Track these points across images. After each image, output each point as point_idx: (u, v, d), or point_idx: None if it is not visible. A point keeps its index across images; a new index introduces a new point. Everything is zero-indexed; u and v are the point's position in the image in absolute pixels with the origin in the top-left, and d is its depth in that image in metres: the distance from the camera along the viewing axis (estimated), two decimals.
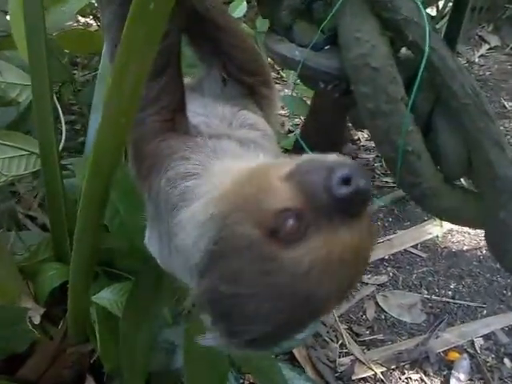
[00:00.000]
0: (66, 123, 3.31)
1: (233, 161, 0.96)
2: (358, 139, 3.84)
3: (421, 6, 0.74)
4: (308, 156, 0.80)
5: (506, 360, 2.50)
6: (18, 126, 1.83)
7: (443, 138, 0.82)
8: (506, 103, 4.35)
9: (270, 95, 1.28)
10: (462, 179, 0.90)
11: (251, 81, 1.22)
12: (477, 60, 5.04)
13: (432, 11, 5.19)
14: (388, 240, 3.15)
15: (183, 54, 0.97)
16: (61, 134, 1.89)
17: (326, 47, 0.84)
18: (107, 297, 1.39)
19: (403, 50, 0.83)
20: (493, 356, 2.52)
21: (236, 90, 1.26)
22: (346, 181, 0.68)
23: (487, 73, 4.82)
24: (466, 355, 2.51)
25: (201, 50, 1.28)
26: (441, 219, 0.92)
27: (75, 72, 3.14)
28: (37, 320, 1.43)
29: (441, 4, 4.97)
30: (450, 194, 0.85)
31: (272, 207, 0.74)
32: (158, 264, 1.07)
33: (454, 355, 2.50)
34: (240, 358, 1.46)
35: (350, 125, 1.08)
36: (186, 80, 1.57)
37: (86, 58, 3.11)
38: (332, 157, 0.75)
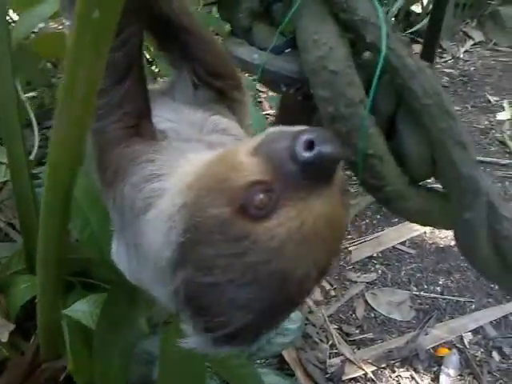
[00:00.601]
0: (46, 128, 3.30)
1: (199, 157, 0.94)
2: None
3: (378, 7, 0.72)
4: (274, 128, 0.77)
5: (494, 353, 2.51)
6: None
7: (406, 139, 0.80)
8: (490, 97, 4.41)
9: (242, 99, 1.26)
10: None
11: (222, 85, 1.20)
12: (461, 55, 5.11)
13: (417, 8, 5.23)
14: (376, 237, 3.15)
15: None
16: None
17: (287, 50, 0.82)
18: (81, 309, 1.35)
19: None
20: (482, 350, 2.53)
21: (207, 95, 1.24)
22: (310, 145, 0.66)
23: (472, 68, 4.88)
24: (455, 350, 2.51)
25: (170, 55, 1.26)
26: (409, 220, 0.90)
27: (55, 76, 3.11)
28: (4, 337, 1.39)
29: (425, 1, 5.01)
30: (416, 196, 0.84)
31: (239, 183, 0.72)
32: None
33: (443, 351, 2.51)
34: (219, 366, 1.45)
35: None
36: (158, 84, 1.55)
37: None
38: (299, 126, 0.72)
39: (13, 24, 1.86)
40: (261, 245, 0.69)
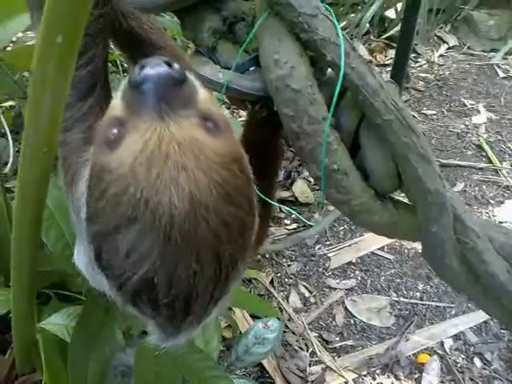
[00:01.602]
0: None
1: None
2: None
3: (337, 26, 0.73)
4: None
5: (475, 359, 2.54)
6: None
7: (370, 154, 0.81)
8: (465, 101, 4.47)
9: None
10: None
11: None
12: (436, 60, 5.18)
13: (391, 13, 5.28)
14: (355, 243, 3.17)
15: None
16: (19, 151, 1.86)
17: (251, 68, 0.83)
18: (57, 322, 1.36)
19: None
20: (463, 356, 2.56)
21: None
22: (142, 68, 0.67)
23: (447, 72, 4.95)
24: (436, 357, 2.55)
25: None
26: (376, 233, 0.91)
27: None
28: None
29: (399, 6, 5.05)
30: (382, 209, 0.85)
31: (103, 124, 0.74)
32: None
33: (424, 357, 2.54)
34: (195, 378, 1.44)
35: None
36: None
37: None
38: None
39: None
40: (114, 174, 0.68)
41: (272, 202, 1.09)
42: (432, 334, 2.64)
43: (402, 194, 0.88)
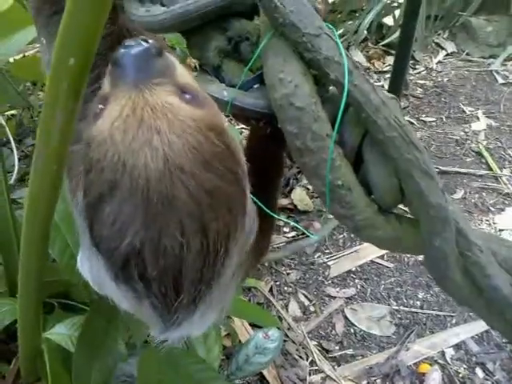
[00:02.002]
0: (29, 146, 3.29)
1: None
2: None
3: (340, 45, 0.75)
4: None
5: (477, 370, 2.52)
6: None
7: (373, 170, 0.82)
8: (464, 108, 4.47)
9: None
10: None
11: None
12: (434, 66, 5.19)
13: (389, 20, 5.31)
14: (354, 251, 3.17)
15: None
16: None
17: (255, 86, 0.85)
18: (61, 332, 1.37)
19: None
20: (464, 366, 2.54)
21: None
22: (123, 47, 0.72)
23: (445, 79, 4.95)
24: (437, 367, 2.53)
25: None
26: (380, 248, 0.93)
27: (39, 94, 3.12)
28: None
29: (397, 13, 5.08)
30: (386, 224, 0.86)
31: (93, 103, 0.76)
32: None
33: (425, 367, 2.52)
34: None
35: None
36: None
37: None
38: None
39: None
40: (96, 141, 0.70)
41: (274, 215, 1.11)
42: (433, 344, 2.64)
43: (405, 208, 0.89)
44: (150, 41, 0.74)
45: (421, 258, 2.68)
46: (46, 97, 0.77)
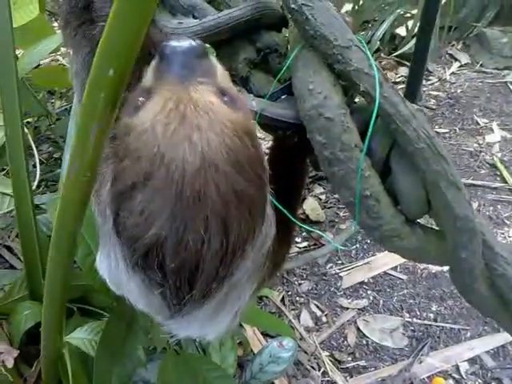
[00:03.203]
0: (45, 153, 3.32)
1: None
2: None
3: (370, 57, 0.76)
4: None
5: None
6: None
7: (401, 181, 0.83)
8: (478, 119, 4.42)
9: None
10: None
11: None
12: (448, 78, 5.15)
13: (402, 31, 5.32)
14: (367, 263, 3.16)
15: None
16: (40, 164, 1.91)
17: (283, 97, 0.86)
18: (81, 336, 1.39)
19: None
20: (479, 381, 2.50)
21: None
22: (169, 42, 0.75)
23: (459, 90, 4.91)
24: (451, 381, 2.50)
25: None
26: (405, 258, 0.93)
27: (53, 101, 3.15)
28: (10, 363, 1.42)
29: (410, 24, 5.09)
30: (412, 234, 0.87)
31: (133, 95, 0.79)
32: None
33: (438, 381, 2.48)
34: None
35: None
36: None
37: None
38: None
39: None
40: (136, 131, 0.72)
41: (296, 222, 1.12)
42: (447, 357, 2.61)
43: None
44: (197, 41, 0.77)
45: (434, 270, 2.67)
46: (83, 106, 0.79)
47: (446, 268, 2.62)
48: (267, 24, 0.90)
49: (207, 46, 0.88)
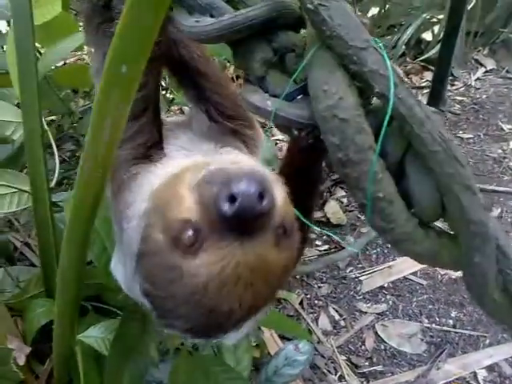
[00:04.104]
0: (67, 151, 3.36)
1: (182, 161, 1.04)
2: None
3: (386, 58, 0.75)
4: (218, 162, 0.86)
5: None
6: (13, 163, 1.87)
7: (415, 183, 0.82)
8: (503, 125, 4.39)
9: (254, 136, 1.34)
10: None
11: (233, 125, 1.28)
12: (473, 83, 5.11)
13: (428, 36, 5.28)
14: (387, 267, 3.14)
15: None
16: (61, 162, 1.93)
17: (299, 97, 0.86)
18: (95, 335, 1.40)
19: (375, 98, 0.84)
20: None
21: (222, 129, 1.30)
22: (232, 198, 0.72)
23: (484, 96, 4.87)
24: None
25: (188, 93, 1.34)
26: (418, 262, 0.92)
27: (76, 100, 3.20)
28: (22, 361, 1.43)
29: (436, 29, 5.05)
30: (425, 238, 0.86)
31: (175, 217, 0.79)
32: None
33: None
34: None
35: None
36: (178, 117, 1.59)
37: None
38: (234, 167, 0.82)
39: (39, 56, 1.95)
40: (186, 280, 0.77)
41: (310, 225, 1.11)
42: (465, 364, 2.58)
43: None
44: (266, 196, 0.76)
45: (454, 275, 2.64)
46: (97, 103, 0.79)
47: None
48: (284, 24, 0.89)
49: (212, 48, 0.89)
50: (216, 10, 0.89)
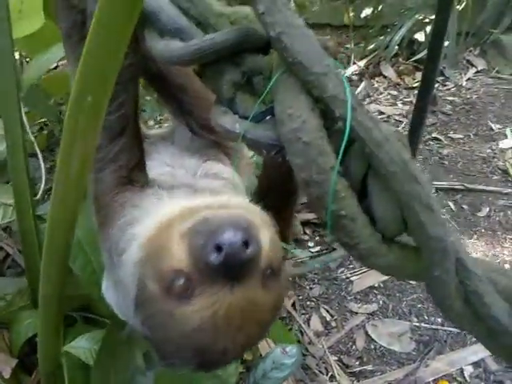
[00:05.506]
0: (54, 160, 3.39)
1: (171, 204, 1.05)
2: None
3: (346, 84, 0.78)
4: (207, 212, 0.90)
5: None
6: None
7: (377, 201, 0.86)
8: (493, 125, 4.43)
9: (236, 147, 1.35)
10: None
11: (215, 137, 1.30)
12: (464, 83, 5.15)
13: (421, 36, 5.31)
14: None
15: None
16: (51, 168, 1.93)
17: (268, 117, 0.88)
18: (81, 345, 1.42)
19: None
20: None
21: (204, 142, 1.32)
22: (219, 248, 0.77)
23: (474, 96, 4.91)
24: None
25: (169, 106, 1.36)
26: (384, 275, 0.95)
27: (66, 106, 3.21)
28: (7, 374, 1.45)
29: (428, 29, 5.08)
30: (389, 252, 0.89)
31: (166, 266, 0.85)
32: None
33: None
34: None
35: None
36: (160, 129, 1.62)
37: None
38: (221, 216, 0.86)
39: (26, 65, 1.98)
40: (181, 325, 0.83)
41: (286, 246, 1.16)
42: (452, 361, 2.64)
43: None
44: (252, 242, 0.82)
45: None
46: (65, 130, 0.82)
47: None
48: (252, 48, 0.92)
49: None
50: (185, 34, 0.92)
